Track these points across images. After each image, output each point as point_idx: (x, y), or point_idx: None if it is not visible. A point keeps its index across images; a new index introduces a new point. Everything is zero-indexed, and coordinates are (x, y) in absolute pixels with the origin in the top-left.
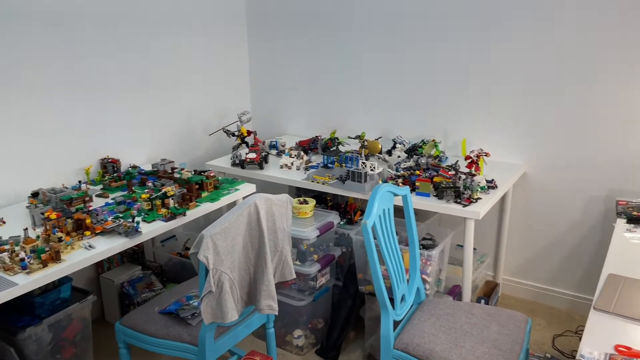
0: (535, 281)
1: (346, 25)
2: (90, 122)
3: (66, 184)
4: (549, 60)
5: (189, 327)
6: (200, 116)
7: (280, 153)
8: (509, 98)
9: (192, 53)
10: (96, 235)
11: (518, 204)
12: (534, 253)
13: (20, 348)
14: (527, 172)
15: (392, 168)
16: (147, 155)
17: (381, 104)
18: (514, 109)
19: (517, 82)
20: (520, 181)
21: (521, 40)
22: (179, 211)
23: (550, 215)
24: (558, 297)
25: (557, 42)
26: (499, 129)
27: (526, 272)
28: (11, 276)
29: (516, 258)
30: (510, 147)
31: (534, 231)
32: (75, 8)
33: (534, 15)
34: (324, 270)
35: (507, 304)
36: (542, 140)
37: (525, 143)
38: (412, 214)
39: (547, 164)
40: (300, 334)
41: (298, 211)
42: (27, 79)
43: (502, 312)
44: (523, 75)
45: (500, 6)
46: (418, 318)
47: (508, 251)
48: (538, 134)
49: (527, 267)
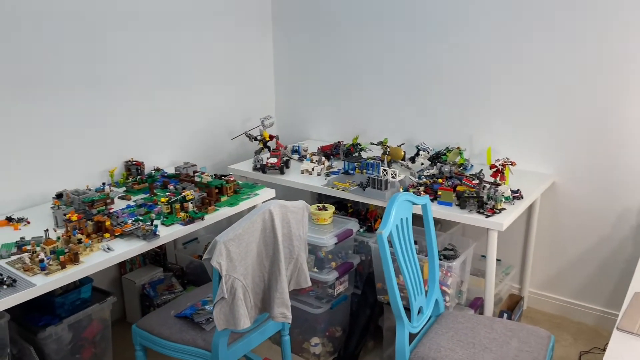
0: (563, 295)
1: (372, 30)
2: (116, 124)
3: (91, 185)
4: (582, 68)
5: (203, 332)
6: (224, 120)
7: (302, 158)
8: (539, 105)
9: (217, 57)
10: (115, 237)
11: (546, 214)
12: (561, 266)
13: (40, 347)
14: (557, 182)
15: (414, 175)
16: (171, 158)
17: (406, 109)
18: (544, 117)
19: (548, 89)
20: (549, 191)
21: (554, 47)
22: (197, 215)
23: (580, 227)
24: (586, 312)
25: (591, 49)
26: (528, 137)
27: (553, 285)
28: (30, 277)
29: (543, 270)
30: (539, 156)
31: (563, 243)
32: (102, 9)
33: (566, 23)
34: (342, 278)
35: (533, 318)
36: (573, 149)
37: (555, 152)
38: (432, 224)
39: (578, 174)
40: (317, 341)
41: (317, 217)
42: (55, 81)
43: (524, 328)
44: (554, 83)
45: (530, 14)
46: (435, 331)
47: (535, 263)
48: (569, 143)
49: (554, 280)
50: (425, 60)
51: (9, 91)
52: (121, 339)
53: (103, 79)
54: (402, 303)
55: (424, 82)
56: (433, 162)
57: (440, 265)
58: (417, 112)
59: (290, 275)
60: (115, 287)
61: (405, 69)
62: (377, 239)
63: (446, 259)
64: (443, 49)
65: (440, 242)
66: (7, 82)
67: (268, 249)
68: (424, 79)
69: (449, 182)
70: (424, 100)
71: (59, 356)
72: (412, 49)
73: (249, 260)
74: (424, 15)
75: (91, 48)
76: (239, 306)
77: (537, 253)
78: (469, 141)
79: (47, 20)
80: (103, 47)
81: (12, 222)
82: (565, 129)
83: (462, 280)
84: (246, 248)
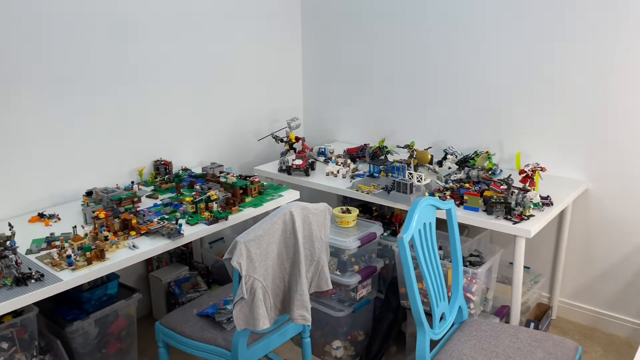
0: (594, 305)
1: (402, 32)
2: (146, 124)
3: (120, 184)
4: (617, 71)
5: (223, 331)
6: (252, 121)
7: (327, 160)
8: (572, 110)
9: (246, 58)
10: (141, 235)
11: (578, 222)
12: (593, 275)
13: (67, 341)
14: (589, 188)
15: (441, 179)
16: (199, 158)
17: (434, 113)
18: (577, 122)
19: (581, 93)
20: (582, 198)
21: (588, 48)
22: (221, 215)
23: (613, 236)
24: (618, 324)
25: (632, 52)
26: (560, 142)
27: (584, 295)
28: (58, 272)
29: (574, 279)
30: (571, 162)
31: (595, 252)
32: (134, 9)
33: (599, 25)
34: (365, 282)
35: (562, 328)
36: (606, 155)
37: (588, 158)
38: (456, 229)
39: (612, 181)
40: (339, 345)
41: (340, 220)
42: (88, 81)
43: (550, 338)
44: (588, 86)
45: (565, 16)
46: (458, 339)
47: (565, 272)
48: (603, 148)
49: (585, 290)
50: (456, 63)
51: (44, 91)
52: (147, 335)
53: (135, 79)
54: (423, 309)
55: (454, 85)
56: (460, 167)
57: (465, 271)
58: (446, 116)
59: (311, 278)
60: (142, 285)
61: (435, 72)
62: (398, 243)
63: (471, 265)
64: (474, 51)
65: (466, 248)
66: (42, 82)
67: (289, 251)
68: (453, 82)
69: (476, 187)
70: (453, 103)
71: (85, 350)
72: (443, 51)
73: (269, 261)
74: (455, 17)
75: (123, 49)
76: (258, 307)
77: (568, 261)
78: (498, 146)
79: (79, 20)
80: (135, 48)
81: (43, 218)
82: (599, 134)
83: (487, 287)
84: (266, 249)
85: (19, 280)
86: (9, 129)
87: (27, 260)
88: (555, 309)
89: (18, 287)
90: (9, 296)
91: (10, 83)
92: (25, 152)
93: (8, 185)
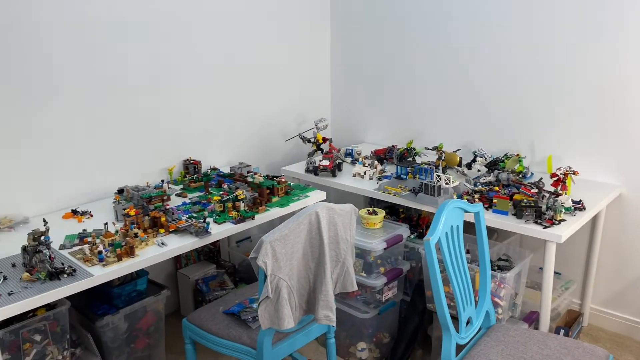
0: (627, 313)
1: (432, 33)
2: (177, 124)
3: (151, 182)
4: None
5: (249, 329)
6: (280, 121)
7: (354, 161)
8: (606, 111)
9: (275, 59)
10: (170, 233)
11: (612, 227)
12: (627, 282)
13: (97, 335)
14: (624, 193)
15: (470, 182)
16: (227, 158)
17: (463, 114)
18: (611, 124)
19: (615, 94)
20: (615, 203)
21: (622, 49)
22: (248, 214)
23: None
24: None
25: None
26: (593, 145)
27: (617, 302)
28: (89, 267)
29: (607, 286)
30: (606, 166)
31: (629, 258)
32: (165, 13)
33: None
34: (390, 284)
35: (594, 336)
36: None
37: (622, 162)
38: (484, 233)
39: None
40: (364, 346)
41: (366, 222)
42: (121, 84)
43: (580, 346)
44: (623, 88)
45: (600, 14)
46: (485, 343)
47: (598, 278)
48: (638, 151)
49: (618, 297)
50: (486, 63)
51: (80, 92)
52: (175, 332)
53: (167, 80)
54: (449, 313)
55: (484, 86)
56: (490, 169)
57: (493, 275)
58: (476, 117)
59: (336, 279)
60: (170, 282)
61: (465, 73)
62: (424, 245)
63: (500, 270)
64: (505, 52)
65: (494, 252)
66: (79, 83)
67: (314, 251)
68: (483, 83)
69: (506, 190)
70: (483, 105)
71: (114, 345)
72: (473, 52)
73: (294, 261)
74: (485, 17)
75: (155, 50)
76: (283, 306)
77: (601, 268)
78: (529, 148)
79: (115, 23)
80: (167, 49)
81: (76, 214)
82: (633, 137)
83: (516, 292)
84: (292, 249)
85: (52, 274)
86: (46, 130)
87: (60, 255)
88: (587, 316)
89: (51, 281)
90: (42, 290)
91: (50, 84)
92: (61, 151)
93: (44, 182)
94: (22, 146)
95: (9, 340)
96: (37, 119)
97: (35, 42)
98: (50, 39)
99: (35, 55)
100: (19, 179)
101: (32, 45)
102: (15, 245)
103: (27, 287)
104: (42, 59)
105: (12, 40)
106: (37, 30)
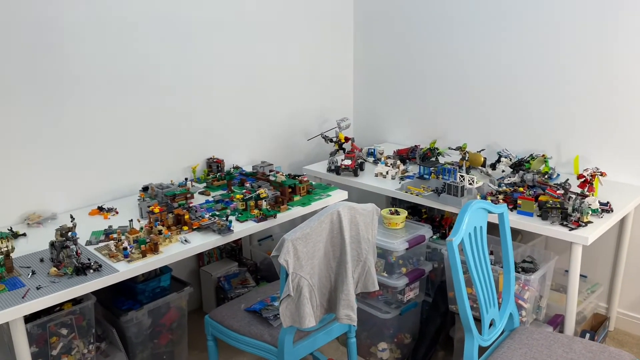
0: None
1: (455, 32)
2: (201, 123)
3: (175, 180)
4: None
5: (270, 327)
6: (302, 121)
7: (377, 161)
8: (635, 111)
9: (298, 59)
10: (193, 230)
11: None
12: None
13: (122, 330)
14: None
15: (494, 183)
16: (250, 157)
17: (488, 114)
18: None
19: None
20: None
21: None
22: (270, 213)
23: None
24: None
25: None
26: (622, 145)
27: None
28: (114, 263)
29: (635, 290)
30: (635, 167)
31: None
32: (193, 17)
33: None
34: (412, 285)
35: (620, 340)
36: None
37: None
38: (508, 234)
39: None
40: (385, 347)
41: (388, 222)
42: (147, 84)
43: (606, 350)
44: None
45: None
46: (508, 346)
47: (625, 282)
48: None
49: None
50: (511, 63)
51: (107, 91)
52: (197, 328)
53: (190, 80)
54: (472, 314)
55: (509, 86)
56: (515, 170)
57: (517, 277)
58: (500, 117)
59: (357, 278)
60: (193, 279)
61: (489, 72)
62: (447, 246)
63: (524, 272)
64: (530, 51)
65: (519, 253)
66: (106, 82)
67: (335, 250)
68: (508, 83)
69: (531, 191)
70: (508, 104)
71: (138, 340)
72: (496, 52)
73: (315, 259)
74: (510, 17)
75: (182, 52)
76: (304, 304)
77: (629, 271)
78: (555, 149)
79: (139, 23)
80: (194, 50)
81: (102, 211)
82: None
83: (540, 295)
84: (313, 247)
85: (79, 269)
86: (75, 129)
87: (87, 251)
88: (613, 320)
89: (78, 276)
90: (69, 285)
91: (78, 83)
92: (89, 149)
93: (71, 180)
94: (51, 145)
95: (37, 333)
96: (66, 119)
97: (67, 43)
98: (79, 40)
99: (66, 58)
100: (48, 177)
101: (63, 48)
102: (43, 241)
103: (55, 282)
104: (72, 61)
105: (42, 43)
106: (70, 30)
